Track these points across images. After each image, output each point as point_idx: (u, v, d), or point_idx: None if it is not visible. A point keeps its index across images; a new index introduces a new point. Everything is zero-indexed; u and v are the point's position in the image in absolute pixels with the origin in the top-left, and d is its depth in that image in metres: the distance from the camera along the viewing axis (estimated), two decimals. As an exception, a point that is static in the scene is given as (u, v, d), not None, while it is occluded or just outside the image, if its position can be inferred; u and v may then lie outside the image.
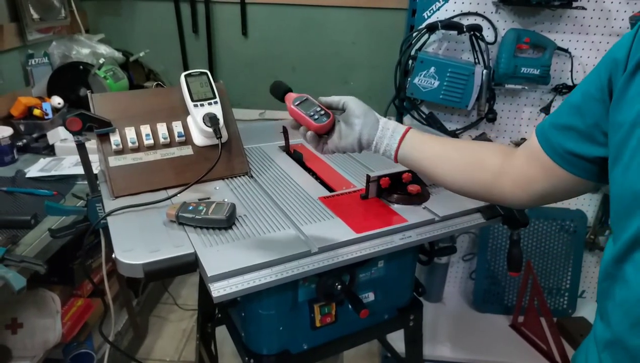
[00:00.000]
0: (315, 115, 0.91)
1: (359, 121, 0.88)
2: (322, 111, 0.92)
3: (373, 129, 0.88)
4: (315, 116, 0.91)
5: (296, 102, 0.94)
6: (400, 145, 0.86)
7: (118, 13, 2.28)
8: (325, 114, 0.91)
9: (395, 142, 0.86)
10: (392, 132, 0.87)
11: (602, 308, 0.62)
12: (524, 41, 1.60)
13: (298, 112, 0.92)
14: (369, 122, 0.89)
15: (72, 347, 1.55)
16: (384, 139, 0.88)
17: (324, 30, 2.22)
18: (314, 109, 0.92)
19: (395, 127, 0.88)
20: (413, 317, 1.15)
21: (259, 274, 0.77)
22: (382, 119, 0.90)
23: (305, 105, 0.93)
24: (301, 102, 0.94)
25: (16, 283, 0.96)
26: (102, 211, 0.98)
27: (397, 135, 0.87)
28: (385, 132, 0.88)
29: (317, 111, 0.92)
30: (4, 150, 1.53)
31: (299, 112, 0.92)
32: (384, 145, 0.88)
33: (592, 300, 2.11)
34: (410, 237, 0.90)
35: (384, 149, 0.88)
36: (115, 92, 1.59)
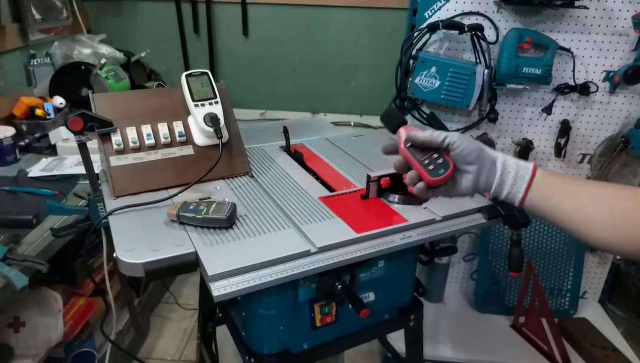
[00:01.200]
0: (430, 164, 0.78)
1: (473, 168, 0.76)
2: (439, 160, 0.78)
3: (490, 175, 0.77)
4: (430, 166, 0.78)
5: (408, 143, 0.80)
6: (528, 194, 0.75)
7: (119, 13, 2.29)
8: (444, 165, 0.77)
9: (521, 191, 0.75)
10: (515, 177, 0.76)
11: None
12: (525, 41, 1.60)
13: (411, 157, 0.79)
14: (484, 168, 0.77)
15: (73, 346, 1.56)
16: (504, 185, 0.76)
17: (325, 30, 2.22)
18: (428, 154, 0.79)
19: (517, 170, 0.76)
20: (413, 317, 1.15)
21: (260, 274, 0.77)
22: (498, 160, 0.77)
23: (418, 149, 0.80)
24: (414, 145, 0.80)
25: (18, 282, 0.96)
26: (103, 210, 0.98)
27: (522, 182, 0.75)
28: (505, 177, 0.76)
29: (432, 158, 0.78)
30: (6, 150, 1.53)
31: (412, 158, 0.79)
32: (505, 193, 0.77)
33: (594, 301, 2.10)
34: (411, 237, 0.90)
35: (504, 196, 0.77)
36: (117, 92, 1.60)
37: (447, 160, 0.77)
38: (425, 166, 0.78)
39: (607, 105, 1.75)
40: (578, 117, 1.78)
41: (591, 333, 1.86)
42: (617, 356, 1.76)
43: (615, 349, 1.79)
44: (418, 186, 0.79)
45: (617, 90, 1.72)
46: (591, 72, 1.70)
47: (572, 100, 1.75)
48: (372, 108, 2.32)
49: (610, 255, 1.99)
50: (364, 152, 1.27)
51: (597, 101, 1.75)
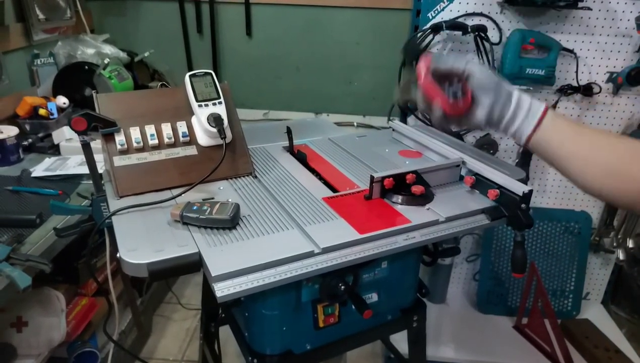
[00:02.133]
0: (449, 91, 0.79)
1: (489, 98, 0.77)
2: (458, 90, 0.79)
3: (505, 106, 0.78)
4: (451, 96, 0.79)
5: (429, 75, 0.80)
6: (535, 132, 0.76)
7: (123, 13, 2.29)
8: (463, 93, 0.79)
9: (530, 126, 0.76)
10: (527, 111, 0.77)
11: None
12: (529, 42, 1.59)
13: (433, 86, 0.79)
14: (500, 98, 0.78)
15: (76, 346, 1.56)
16: (515, 119, 0.78)
17: (328, 30, 2.22)
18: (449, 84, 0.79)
19: (530, 105, 0.78)
20: (416, 317, 1.15)
21: (263, 274, 0.77)
22: (514, 93, 0.79)
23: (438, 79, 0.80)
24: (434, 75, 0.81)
25: (21, 282, 0.97)
26: (106, 210, 0.98)
27: (533, 118, 0.77)
28: (518, 111, 0.77)
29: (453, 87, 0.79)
30: (9, 150, 1.54)
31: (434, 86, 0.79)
32: (515, 126, 0.78)
33: (597, 302, 2.10)
34: (414, 238, 0.90)
35: (514, 130, 0.78)
36: (120, 92, 1.60)
37: (465, 89, 0.79)
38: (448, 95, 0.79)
39: (611, 106, 1.75)
40: (581, 118, 1.77)
41: (594, 334, 1.86)
42: (619, 357, 1.75)
43: (618, 350, 1.78)
44: (437, 113, 0.80)
45: (621, 92, 1.72)
46: (594, 73, 1.70)
47: (576, 101, 1.75)
48: (374, 108, 2.32)
49: (613, 256, 1.98)
50: (367, 153, 1.26)
51: (600, 102, 1.74)
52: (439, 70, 0.80)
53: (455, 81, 0.79)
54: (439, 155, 1.19)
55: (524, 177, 1.10)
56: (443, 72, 0.80)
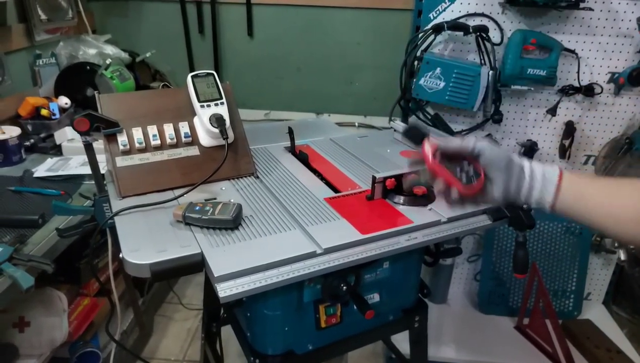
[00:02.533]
0: (463, 174, 0.77)
1: (502, 176, 0.76)
2: (470, 169, 0.78)
3: (520, 181, 0.77)
4: (464, 178, 0.77)
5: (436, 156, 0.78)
6: (557, 198, 0.75)
7: (125, 14, 2.30)
8: (475, 174, 0.77)
9: (550, 194, 0.75)
10: (542, 180, 0.76)
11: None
12: (530, 42, 1.59)
13: (443, 169, 0.77)
14: (513, 175, 0.76)
15: (78, 346, 1.56)
16: (533, 191, 0.76)
17: (329, 30, 2.22)
18: (458, 165, 0.78)
19: (543, 173, 0.76)
20: (418, 318, 1.15)
21: (265, 275, 0.77)
22: (525, 166, 0.78)
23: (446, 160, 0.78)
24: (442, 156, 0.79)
25: (24, 282, 0.97)
26: (109, 211, 0.99)
27: (550, 185, 0.75)
28: (534, 183, 0.76)
29: (464, 169, 0.78)
30: (12, 150, 1.54)
31: (444, 169, 0.77)
32: (535, 198, 0.77)
33: (598, 302, 2.10)
34: (416, 238, 0.90)
35: (534, 201, 0.77)
36: (122, 93, 1.60)
37: (477, 170, 0.77)
38: (459, 178, 0.77)
39: (612, 106, 1.75)
40: (583, 119, 1.77)
41: (595, 334, 1.86)
42: (621, 358, 1.75)
43: (620, 351, 1.78)
44: (453, 196, 0.78)
45: (622, 92, 1.72)
46: (596, 73, 1.70)
47: (577, 102, 1.75)
48: (376, 109, 2.32)
49: (614, 257, 1.98)
50: (368, 153, 1.27)
51: (601, 103, 1.74)
52: (447, 151, 0.78)
53: (465, 162, 0.78)
54: (441, 155, 1.19)
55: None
56: (451, 152, 0.78)
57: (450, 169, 0.77)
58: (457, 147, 0.78)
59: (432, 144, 0.78)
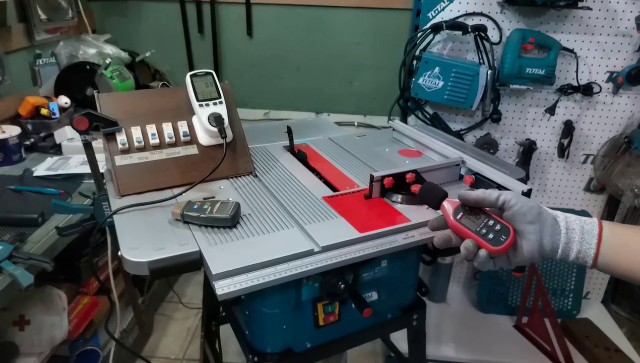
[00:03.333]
0: (489, 233, 0.69)
1: (535, 229, 0.69)
2: (497, 226, 0.69)
3: (555, 235, 0.70)
4: (489, 235, 0.69)
5: (458, 214, 0.73)
6: (600, 250, 0.69)
7: (124, 14, 2.30)
8: (503, 230, 0.69)
9: (592, 248, 0.69)
10: (582, 233, 0.70)
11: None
12: (529, 41, 1.60)
13: (464, 229, 0.71)
14: (546, 227, 0.70)
15: (78, 344, 1.57)
16: (571, 244, 0.70)
17: (328, 30, 2.22)
18: (483, 221, 0.71)
19: (582, 225, 0.70)
20: (416, 316, 1.15)
21: (263, 272, 0.77)
22: (559, 217, 0.71)
23: (470, 218, 0.72)
24: (463, 213, 0.73)
25: (24, 280, 0.97)
26: (108, 209, 0.99)
27: (591, 237, 0.69)
28: (572, 235, 0.70)
29: (489, 226, 0.70)
30: (12, 149, 1.54)
31: (467, 230, 0.71)
32: (574, 252, 0.70)
33: (597, 301, 2.10)
34: (414, 236, 0.90)
35: (574, 256, 0.71)
36: (122, 92, 1.60)
37: (505, 225, 0.70)
38: (484, 236, 0.69)
39: (611, 105, 1.75)
40: (581, 118, 1.78)
41: (594, 333, 1.86)
42: (620, 357, 1.75)
43: (618, 350, 1.78)
44: (481, 257, 0.70)
45: (621, 91, 1.72)
46: (594, 72, 1.70)
47: (576, 101, 1.75)
48: (375, 108, 2.32)
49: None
50: (367, 152, 1.27)
51: (600, 102, 1.75)
52: (468, 203, 0.72)
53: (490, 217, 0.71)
54: (439, 154, 1.20)
55: (524, 176, 1.11)
56: (472, 204, 0.72)
57: (474, 229, 0.71)
58: (479, 197, 0.72)
59: (451, 201, 0.74)
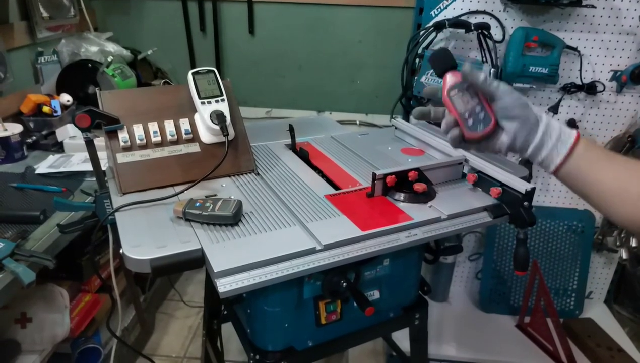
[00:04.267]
0: (471, 118, 0.73)
1: (513, 125, 0.72)
2: (481, 114, 0.73)
3: (531, 134, 0.72)
4: (469, 121, 0.73)
5: (452, 91, 0.75)
6: (567, 160, 0.71)
7: (126, 12, 2.30)
8: (485, 120, 0.73)
9: (560, 156, 0.71)
10: (556, 140, 0.72)
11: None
12: (532, 40, 1.59)
13: (452, 107, 0.74)
14: (526, 125, 0.72)
15: (79, 342, 1.57)
16: (542, 148, 0.72)
17: (330, 28, 2.22)
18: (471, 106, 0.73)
19: (559, 133, 0.72)
20: (418, 315, 1.15)
21: (265, 270, 0.77)
22: (542, 120, 0.73)
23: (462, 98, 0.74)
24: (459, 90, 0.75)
25: (26, 278, 0.97)
26: (110, 207, 0.99)
27: (563, 147, 0.71)
28: (545, 139, 0.72)
29: (474, 112, 0.73)
30: (13, 147, 1.54)
31: (453, 108, 0.74)
32: (542, 156, 0.73)
33: (600, 301, 2.10)
34: (416, 235, 0.90)
35: (541, 159, 0.74)
36: (124, 90, 1.60)
37: (489, 115, 0.73)
38: (465, 120, 0.73)
39: (614, 104, 1.74)
40: (585, 117, 1.77)
41: (597, 333, 1.86)
42: (622, 357, 1.75)
43: (621, 350, 1.78)
44: (452, 134, 0.75)
45: (624, 90, 1.71)
46: (598, 71, 1.69)
47: (579, 100, 1.75)
48: (377, 107, 2.32)
49: (616, 256, 1.98)
50: (369, 151, 1.27)
51: (604, 100, 1.74)
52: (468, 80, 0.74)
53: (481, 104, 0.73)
54: (442, 153, 1.20)
55: (527, 175, 1.10)
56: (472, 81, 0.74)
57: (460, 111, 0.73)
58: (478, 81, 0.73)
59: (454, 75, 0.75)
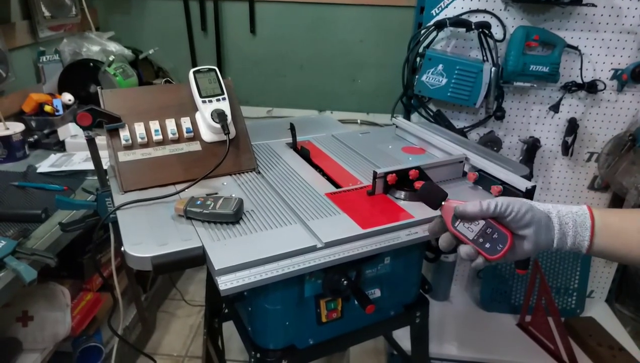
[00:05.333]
0: (486, 242, 0.71)
1: (530, 231, 0.72)
2: (494, 234, 0.71)
3: (549, 232, 0.73)
4: (486, 244, 0.71)
5: (456, 222, 0.74)
6: (593, 241, 0.72)
7: (128, 11, 2.30)
8: (500, 238, 0.71)
9: (586, 240, 0.72)
10: (575, 226, 0.73)
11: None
12: (533, 38, 1.59)
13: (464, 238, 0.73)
14: (542, 227, 0.72)
15: (81, 340, 1.57)
16: (565, 238, 0.73)
17: (332, 28, 2.22)
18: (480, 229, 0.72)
19: (574, 218, 0.73)
20: (419, 313, 1.15)
21: (266, 268, 0.77)
22: (552, 213, 0.74)
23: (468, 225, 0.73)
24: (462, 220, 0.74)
25: (27, 276, 0.98)
26: (111, 205, 0.99)
27: (584, 230, 0.72)
28: (565, 229, 0.73)
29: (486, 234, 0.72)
30: (15, 146, 1.55)
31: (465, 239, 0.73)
32: (569, 244, 0.74)
33: (601, 300, 2.09)
34: (417, 233, 0.90)
35: (569, 247, 0.74)
36: (125, 88, 1.60)
37: (502, 232, 0.71)
38: (482, 245, 0.72)
39: (615, 103, 1.74)
40: (585, 115, 1.77)
41: (598, 332, 1.86)
42: (623, 355, 1.75)
43: (622, 348, 1.78)
44: (476, 264, 0.73)
45: (625, 89, 1.71)
46: (599, 70, 1.69)
47: (580, 99, 1.74)
48: (379, 106, 2.32)
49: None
50: (370, 149, 1.27)
51: (604, 99, 1.74)
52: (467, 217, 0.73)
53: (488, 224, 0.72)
54: (442, 151, 1.20)
55: (528, 173, 1.10)
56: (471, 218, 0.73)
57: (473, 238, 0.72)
58: (477, 213, 0.72)
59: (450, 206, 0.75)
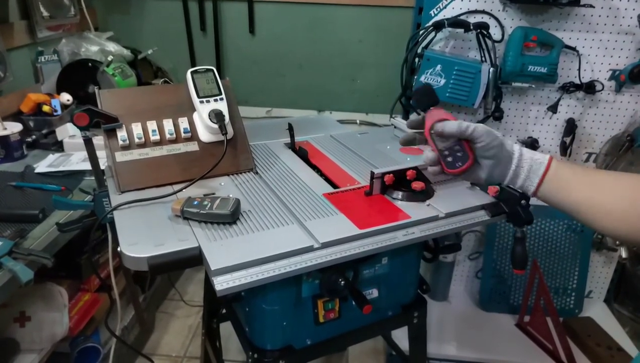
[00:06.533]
0: (450, 155, 0.82)
1: (489, 163, 0.81)
2: (459, 152, 0.81)
3: (504, 169, 0.82)
4: (449, 158, 0.82)
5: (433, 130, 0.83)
6: (540, 187, 0.80)
7: (127, 11, 2.30)
8: (463, 157, 0.81)
9: (533, 185, 0.81)
10: (528, 171, 0.81)
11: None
12: (531, 39, 1.59)
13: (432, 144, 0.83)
14: (501, 163, 0.81)
15: (79, 341, 1.57)
16: (517, 179, 0.82)
17: (331, 28, 2.22)
18: (451, 144, 0.82)
19: (531, 164, 0.81)
20: (417, 314, 1.15)
21: (262, 268, 0.77)
22: (514, 153, 0.82)
23: None
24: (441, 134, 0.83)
25: (23, 276, 0.97)
26: (108, 206, 0.99)
27: (535, 176, 0.80)
28: (518, 171, 0.81)
29: (453, 150, 0.82)
30: (13, 146, 1.55)
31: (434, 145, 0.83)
32: (519, 185, 0.82)
33: (600, 300, 2.09)
34: (414, 233, 0.90)
35: (518, 186, 0.83)
36: (123, 88, 1.61)
37: (467, 152, 0.81)
38: (445, 157, 0.82)
39: (613, 104, 1.74)
40: (584, 116, 1.77)
41: (596, 332, 1.86)
42: (622, 356, 1.75)
43: (621, 349, 1.78)
44: (432, 169, 0.85)
45: (623, 89, 1.71)
46: (597, 70, 1.69)
47: (578, 99, 1.75)
48: (378, 106, 2.32)
49: (615, 254, 1.98)
50: (368, 150, 1.27)
51: (602, 100, 1.74)
52: (445, 133, 0.82)
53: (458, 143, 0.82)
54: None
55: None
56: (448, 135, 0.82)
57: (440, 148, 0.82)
58: (454, 131, 0.81)
59: (436, 112, 0.83)
